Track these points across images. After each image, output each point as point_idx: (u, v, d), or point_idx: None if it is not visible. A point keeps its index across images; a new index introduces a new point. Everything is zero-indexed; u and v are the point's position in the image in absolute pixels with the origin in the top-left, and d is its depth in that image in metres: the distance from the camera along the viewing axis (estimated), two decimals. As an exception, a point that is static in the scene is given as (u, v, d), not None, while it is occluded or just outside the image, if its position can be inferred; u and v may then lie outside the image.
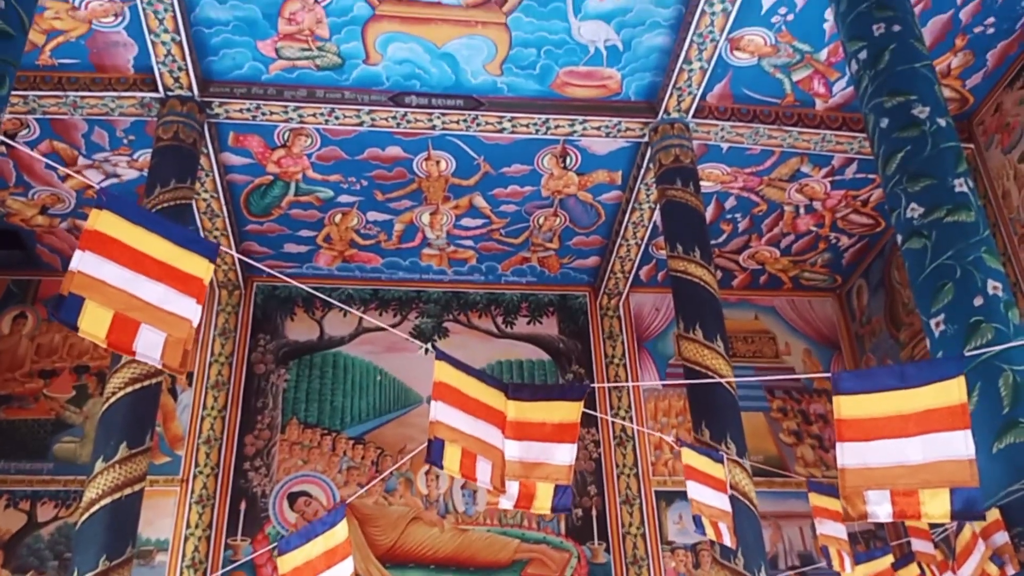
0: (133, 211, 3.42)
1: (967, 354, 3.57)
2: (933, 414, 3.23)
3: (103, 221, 3.32)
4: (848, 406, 3.41)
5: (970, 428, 3.12)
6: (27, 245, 9.64)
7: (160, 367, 3.38)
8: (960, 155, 4.31)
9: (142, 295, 3.30)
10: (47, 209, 9.23)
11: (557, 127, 8.41)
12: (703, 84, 7.89)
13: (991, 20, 7.58)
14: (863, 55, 4.68)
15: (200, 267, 3.43)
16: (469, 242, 10.09)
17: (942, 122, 4.38)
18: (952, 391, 3.23)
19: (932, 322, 3.99)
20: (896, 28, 4.63)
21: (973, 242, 4.05)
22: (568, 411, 4.05)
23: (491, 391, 4.06)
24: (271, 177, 9.01)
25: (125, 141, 8.40)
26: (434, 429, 3.87)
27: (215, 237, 9.33)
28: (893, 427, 3.29)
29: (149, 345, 3.29)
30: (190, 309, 3.37)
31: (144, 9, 7.01)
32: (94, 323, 3.23)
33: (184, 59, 7.43)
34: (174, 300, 3.33)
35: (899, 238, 4.32)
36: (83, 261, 3.26)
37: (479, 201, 9.48)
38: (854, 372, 3.95)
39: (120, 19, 7.34)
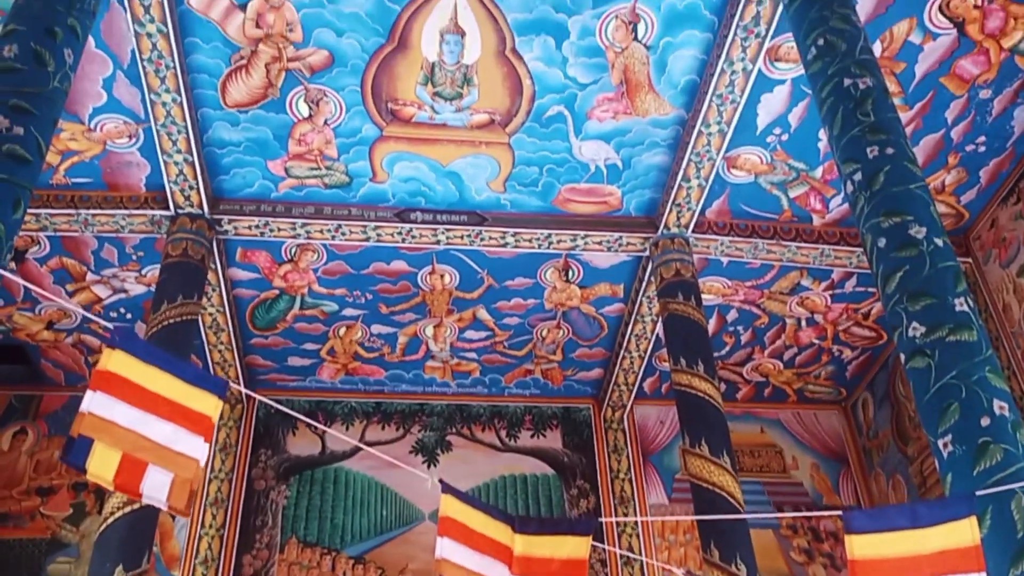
0: (144, 349, 3.46)
1: (978, 493, 3.52)
2: (947, 556, 3.17)
3: (115, 361, 3.35)
4: (860, 546, 3.35)
5: (985, 570, 3.05)
6: (31, 360, 9.65)
7: (166, 509, 3.36)
8: (959, 274, 4.36)
9: (151, 435, 3.30)
10: (53, 324, 9.29)
11: (559, 241, 8.54)
12: (702, 200, 8.06)
13: (982, 139, 7.80)
14: (858, 177, 4.79)
15: (209, 405, 3.45)
16: (472, 355, 10.09)
17: (939, 242, 4.44)
18: (964, 532, 3.18)
19: (940, 442, 3.95)
20: (889, 151, 4.75)
21: (977, 361, 4.05)
22: (576, 546, 3.98)
23: (498, 525, 4.00)
24: (277, 291, 9.10)
25: (134, 257, 8.53)
26: (440, 567, 3.79)
27: (220, 351, 9.35)
28: (907, 569, 3.22)
29: (156, 486, 3.28)
30: (198, 448, 3.38)
31: (159, 131, 7.23)
32: (102, 465, 3.23)
33: (196, 178, 7.62)
34: (183, 440, 3.33)
35: (903, 357, 4.32)
36: (94, 402, 3.28)
37: (483, 314, 9.54)
38: (866, 512, 3.89)
39: (134, 140, 7.57)
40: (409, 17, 6.90)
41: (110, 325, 3.66)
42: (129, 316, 9.17)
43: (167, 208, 7.86)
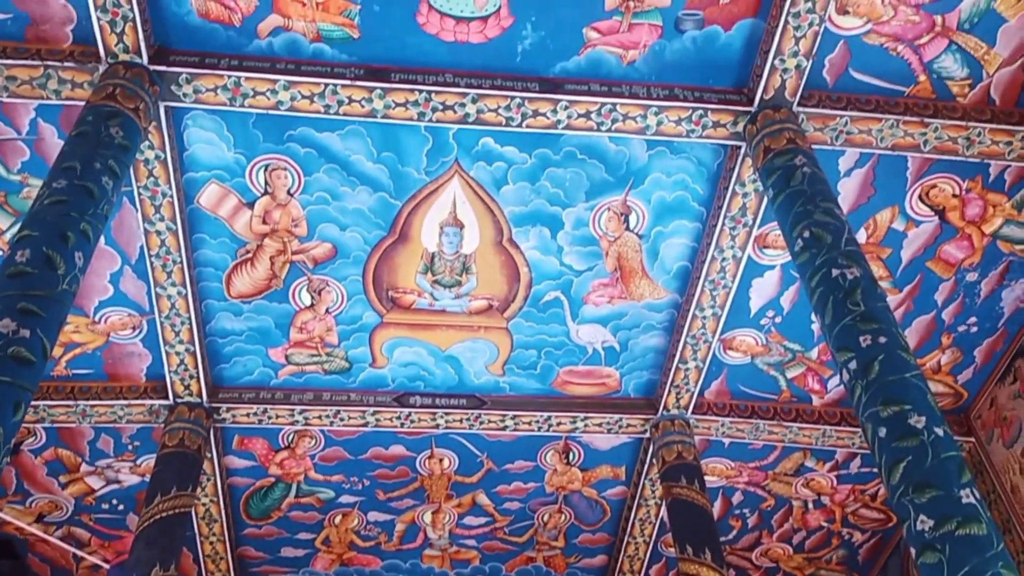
0: None
1: None
2: None
3: None
4: None
5: None
6: (19, 554, 9.35)
7: None
8: (963, 464, 4.32)
9: None
10: (43, 517, 9.06)
11: (559, 424, 8.49)
12: (700, 382, 8.09)
13: (973, 320, 7.92)
14: (853, 365, 4.84)
15: None
16: (472, 542, 9.80)
17: (940, 431, 4.43)
18: None
19: (959, 644, 3.80)
20: (882, 340, 4.82)
21: (989, 556, 3.95)
22: None
23: None
24: (273, 479, 8.95)
25: (130, 447, 8.44)
26: None
27: (211, 543, 9.08)
28: None
29: None
30: None
31: (162, 323, 7.36)
32: None
33: (196, 367, 7.67)
34: None
35: (913, 551, 4.22)
36: None
37: (482, 499, 9.35)
38: None
39: (137, 331, 7.67)
40: (410, 212, 7.17)
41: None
42: (121, 508, 8.98)
43: (166, 398, 7.86)
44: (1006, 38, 6.20)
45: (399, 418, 8.34)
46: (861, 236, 7.22)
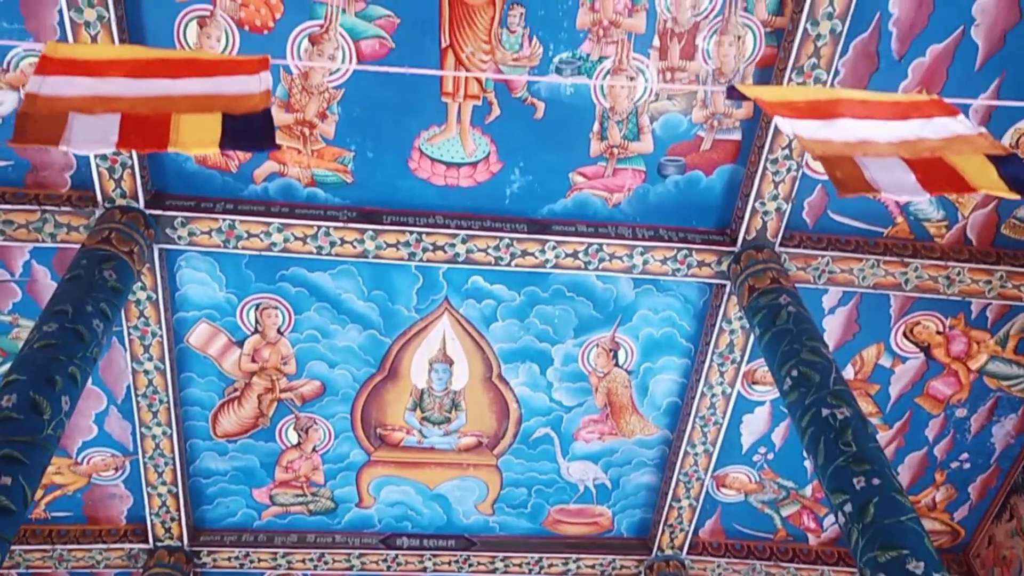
0: None
1: None
2: None
3: None
4: None
5: None
6: None
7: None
8: (965, 613, 4.23)
9: None
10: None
11: (551, 566, 8.26)
12: (694, 520, 7.93)
13: (965, 456, 7.88)
14: (848, 508, 4.77)
15: None
16: None
17: (939, 578, 4.35)
18: None
19: None
20: (876, 482, 4.78)
21: None
22: None
23: None
24: (253, 626, 8.60)
25: (106, 593, 8.15)
26: None
27: None
28: None
29: None
30: None
31: (145, 463, 7.23)
32: None
33: (178, 510, 7.49)
34: None
35: None
36: None
37: (471, 645, 8.97)
38: None
39: (120, 472, 7.53)
40: (400, 349, 7.19)
41: None
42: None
43: (146, 541, 7.64)
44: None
45: (385, 560, 8.10)
46: (849, 372, 7.26)
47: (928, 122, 3.86)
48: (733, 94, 4.04)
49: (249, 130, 3.38)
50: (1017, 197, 3.57)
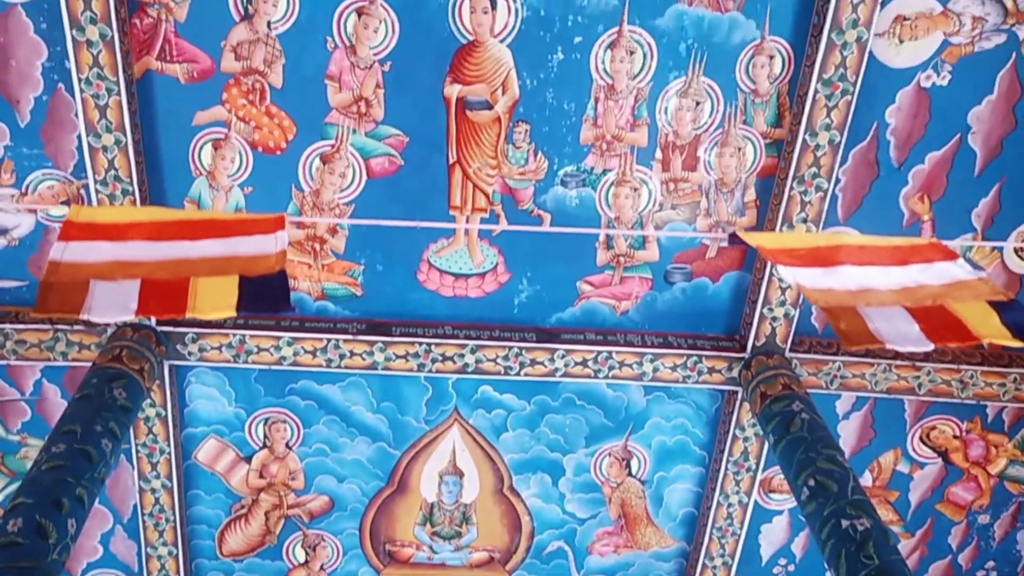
0: None
1: None
2: None
3: None
4: None
5: None
6: None
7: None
8: None
9: None
10: None
11: None
12: (715, 637, 7.66)
13: (991, 564, 7.64)
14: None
15: None
16: None
17: None
18: None
19: None
20: None
21: None
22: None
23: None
24: None
25: None
26: None
27: None
28: None
29: None
30: None
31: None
32: None
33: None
34: None
35: None
36: None
37: None
38: None
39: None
40: (409, 461, 7.11)
41: None
42: None
43: None
44: (984, 285, 6.45)
45: None
46: (866, 479, 7.13)
47: (928, 267, 3.94)
48: (734, 240, 4.15)
49: (265, 292, 3.49)
50: (1021, 344, 3.60)
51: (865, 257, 4.00)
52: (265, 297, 3.47)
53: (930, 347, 3.71)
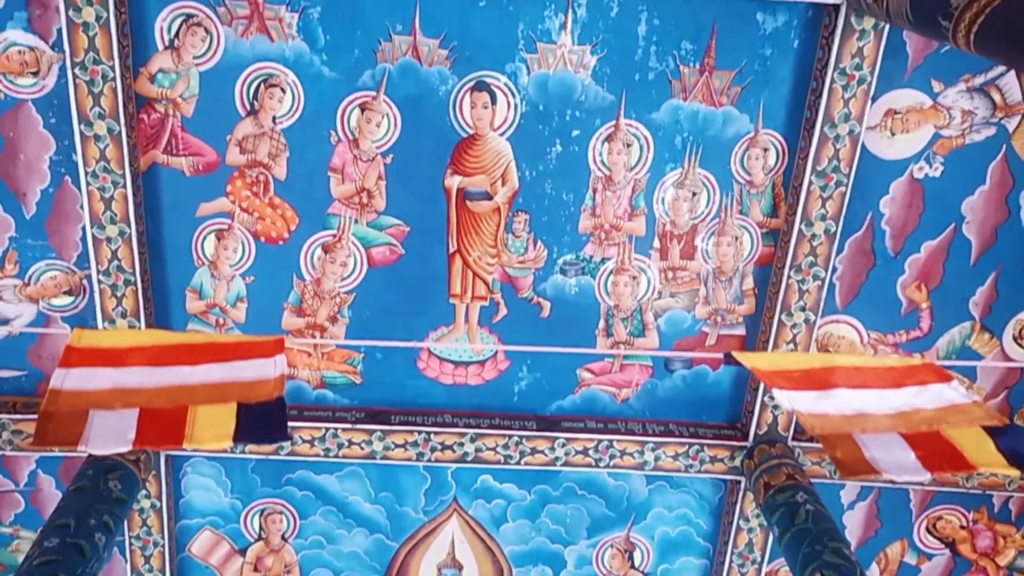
0: None
1: None
2: None
3: None
4: None
5: None
6: None
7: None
8: None
9: None
10: None
11: None
12: None
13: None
14: None
15: None
16: None
17: None
18: None
19: None
20: None
21: None
22: None
23: None
24: None
25: None
26: None
27: None
28: None
29: None
30: None
31: None
32: None
33: None
34: None
35: None
36: None
37: None
38: None
39: None
40: (407, 554, 6.98)
41: None
42: None
43: None
44: (985, 373, 6.43)
45: None
46: (874, 571, 6.99)
47: (923, 390, 3.97)
48: (729, 360, 4.20)
49: (262, 421, 3.51)
50: (1016, 472, 3.61)
51: (860, 379, 4.02)
52: (262, 427, 3.49)
53: (927, 477, 3.71)
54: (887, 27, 5.16)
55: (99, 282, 5.68)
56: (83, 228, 5.62)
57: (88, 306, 5.88)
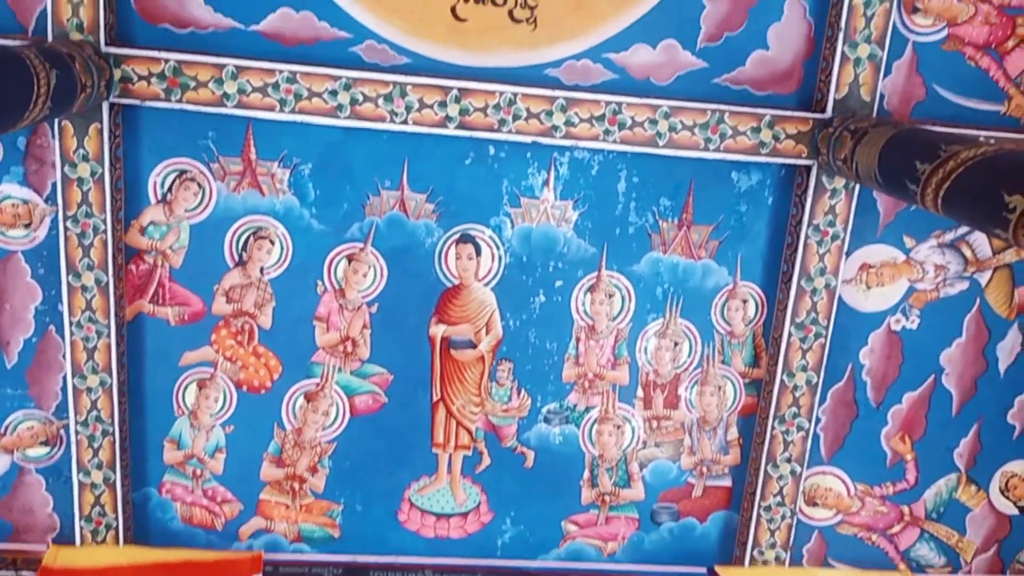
0: None
1: None
2: None
3: None
4: None
5: None
6: None
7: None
8: None
9: None
10: None
11: None
12: None
13: None
14: None
15: None
16: None
17: None
18: None
19: None
20: None
21: None
22: None
23: None
24: None
25: None
26: None
27: None
28: None
29: None
30: None
31: None
32: None
33: None
34: None
35: None
36: None
37: None
38: None
39: None
40: None
41: None
42: None
43: None
44: (975, 526, 6.35)
45: None
46: None
47: None
48: None
49: None
50: None
51: None
52: None
53: None
54: (858, 186, 5.37)
55: (76, 432, 5.59)
56: (64, 378, 5.58)
57: (64, 456, 5.76)
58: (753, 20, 5.35)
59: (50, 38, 4.92)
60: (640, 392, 6.10)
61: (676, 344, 6.01)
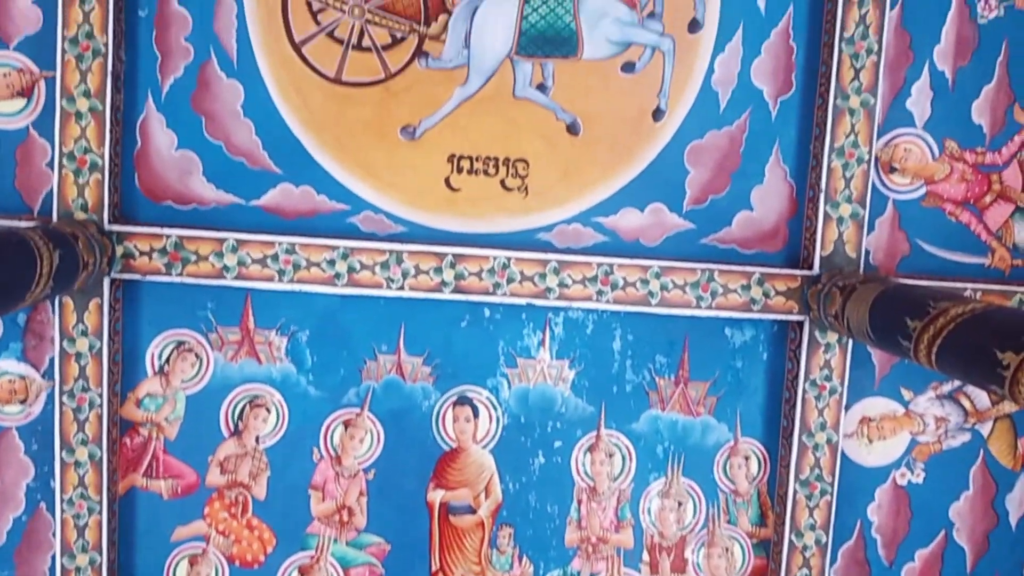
0: None
1: None
2: None
3: None
4: None
5: None
6: None
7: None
8: None
9: None
10: None
11: None
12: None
13: None
14: None
15: None
16: None
17: None
18: None
19: None
20: None
21: None
22: None
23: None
24: None
25: None
26: None
27: None
28: None
29: None
30: None
31: None
32: None
33: None
34: None
35: None
36: None
37: None
38: None
39: None
40: None
41: None
42: None
43: None
44: None
45: None
46: None
47: None
48: None
49: None
50: None
51: None
52: None
53: None
54: (851, 340, 5.41)
55: (62, 630, 5.39)
56: (53, 557, 5.41)
57: (49, 643, 5.54)
58: (736, 183, 5.54)
59: (55, 218, 5.06)
60: (646, 556, 5.92)
61: (680, 504, 5.88)
